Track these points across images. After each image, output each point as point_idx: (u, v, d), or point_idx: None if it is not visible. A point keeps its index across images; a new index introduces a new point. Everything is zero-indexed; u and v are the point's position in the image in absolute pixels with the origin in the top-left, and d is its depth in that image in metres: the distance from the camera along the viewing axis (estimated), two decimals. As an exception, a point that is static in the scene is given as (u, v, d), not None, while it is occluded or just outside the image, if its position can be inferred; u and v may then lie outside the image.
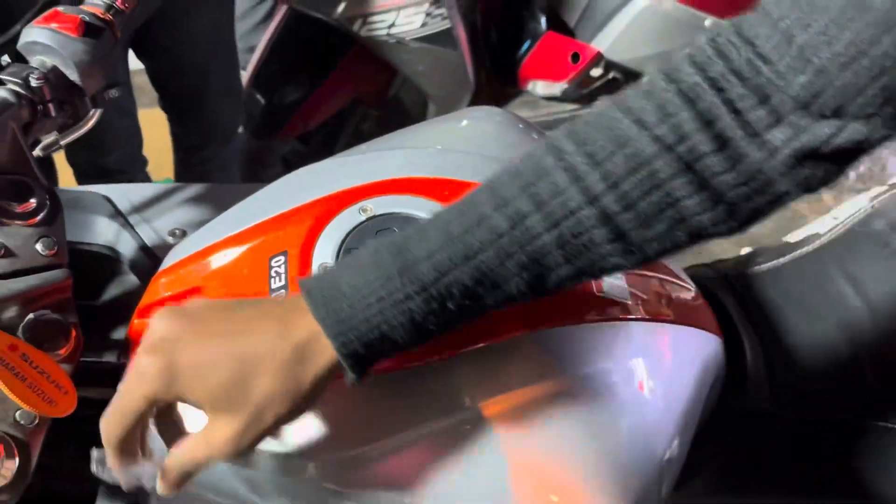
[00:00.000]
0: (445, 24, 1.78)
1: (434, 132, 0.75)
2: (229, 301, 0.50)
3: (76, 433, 0.56)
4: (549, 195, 0.46)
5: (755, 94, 0.45)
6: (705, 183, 0.46)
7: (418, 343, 0.48)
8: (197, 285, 0.62)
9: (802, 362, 0.81)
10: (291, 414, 0.46)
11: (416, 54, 1.81)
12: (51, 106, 0.63)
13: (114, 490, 0.62)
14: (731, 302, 0.82)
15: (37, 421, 0.54)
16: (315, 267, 0.58)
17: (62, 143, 0.67)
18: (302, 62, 1.93)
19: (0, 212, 0.60)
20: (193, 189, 0.83)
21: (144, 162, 1.67)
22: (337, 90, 1.98)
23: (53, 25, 0.63)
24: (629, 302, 0.64)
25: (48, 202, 0.62)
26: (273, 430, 0.46)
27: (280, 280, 0.58)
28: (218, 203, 0.81)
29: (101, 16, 0.66)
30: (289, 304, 0.47)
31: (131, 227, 0.78)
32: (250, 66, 1.84)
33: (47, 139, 0.66)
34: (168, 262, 0.66)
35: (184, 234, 0.77)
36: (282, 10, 1.81)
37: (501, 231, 0.46)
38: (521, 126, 0.76)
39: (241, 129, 1.80)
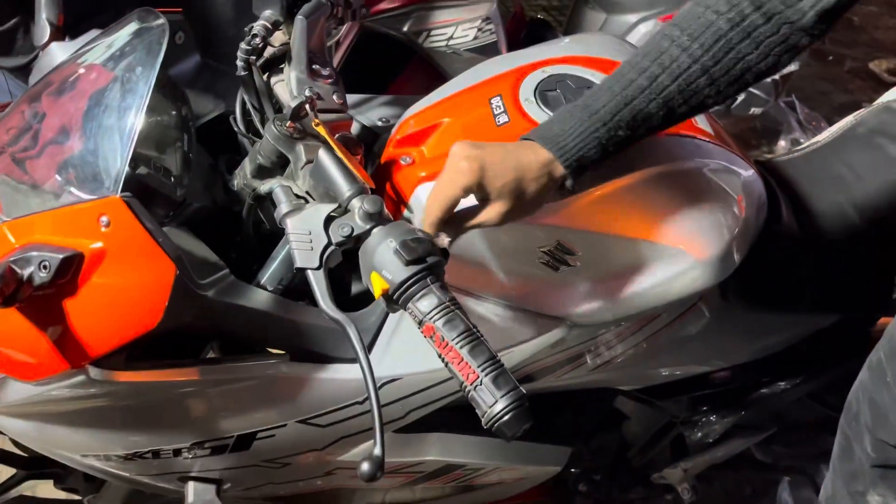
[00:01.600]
0: (492, 38, 2.16)
1: (564, 43, 1.11)
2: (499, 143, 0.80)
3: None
4: (669, 61, 0.80)
5: None
6: (759, 44, 0.79)
7: (604, 159, 0.80)
8: (437, 122, 0.95)
9: (816, 210, 1.17)
10: (539, 205, 0.79)
11: (468, 63, 2.17)
12: (340, 9, 0.97)
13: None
14: (763, 170, 1.18)
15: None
16: (521, 101, 0.92)
17: (333, 40, 1.01)
18: (368, 75, 2.29)
19: (315, 73, 0.93)
20: (386, 98, 1.17)
21: None
22: (395, 99, 2.34)
23: (336, -41, 0.98)
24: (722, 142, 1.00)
25: (335, 72, 0.96)
26: (527, 214, 0.79)
27: (500, 109, 0.92)
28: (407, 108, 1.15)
29: (363, -46, 1.01)
30: (531, 146, 0.79)
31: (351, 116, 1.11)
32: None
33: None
34: (409, 113, 1.00)
35: (388, 121, 1.11)
36: (355, 28, 2.18)
37: (644, 87, 0.79)
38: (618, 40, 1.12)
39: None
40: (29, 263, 0.73)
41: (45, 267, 0.73)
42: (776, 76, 2.80)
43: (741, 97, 2.79)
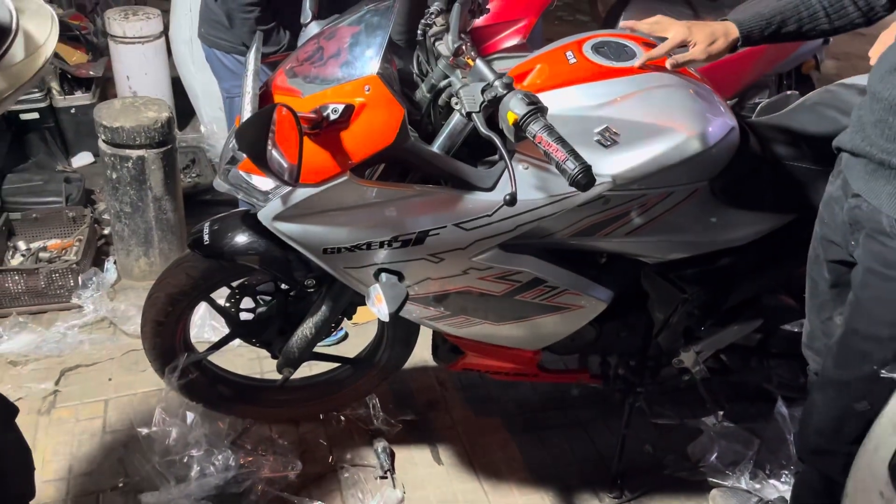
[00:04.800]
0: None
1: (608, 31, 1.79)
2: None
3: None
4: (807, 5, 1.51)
5: None
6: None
7: (761, 37, 1.53)
8: (530, 68, 1.62)
9: (775, 142, 1.80)
10: (720, 55, 1.54)
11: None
12: (475, 5, 1.67)
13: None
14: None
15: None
16: (584, 52, 1.59)
17: (470, 26, 1.71)
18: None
19: (462, 39, 1.61)
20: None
21: None
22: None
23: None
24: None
25: (472, 40, 1.64)
26: (714, 59, 1.53)
27: (571, 57, 1.59)
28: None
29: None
30: (724, 23, 1.54)
31: None
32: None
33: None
34: (511, 66, 1.66)
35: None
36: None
37: (789, 8, 1.51)
38: None
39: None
40: (326, 109, 1.40)
41: (335, 111, 1.40)
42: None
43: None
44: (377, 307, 1.51)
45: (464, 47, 1.55)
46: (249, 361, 2.40)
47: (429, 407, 2.31)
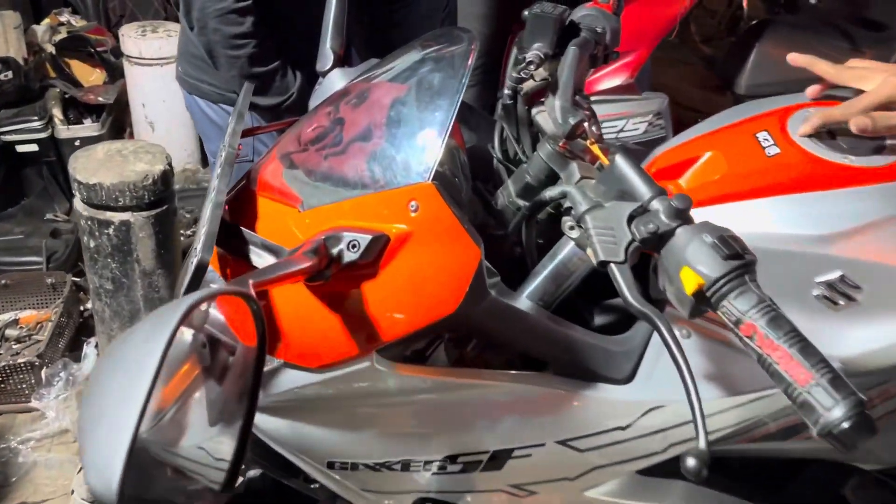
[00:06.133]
0: (662, 133, 2.20)
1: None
2: None
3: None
4: None
5: None
6: None
7: None
8: (694, 156, 0.96)
9: None
10: None
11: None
12: (600, 48, 1.01)
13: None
14: None
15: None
16: (794, 135, 0.92)
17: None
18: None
19: (577, 104, 0.95)
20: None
21: None
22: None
23: (598, 7, 1.03)
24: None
25: (591, 106, 0.98)
26: None
27: (769, 142, 0.92)
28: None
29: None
30: None
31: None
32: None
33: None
34: (655, 153, 1.01)
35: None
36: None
37: None
38: None
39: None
40: (339, 242, 0.75)
41: (353, 246, 0.75)
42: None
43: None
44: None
45: (585, 123, 0.88)
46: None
47: None
